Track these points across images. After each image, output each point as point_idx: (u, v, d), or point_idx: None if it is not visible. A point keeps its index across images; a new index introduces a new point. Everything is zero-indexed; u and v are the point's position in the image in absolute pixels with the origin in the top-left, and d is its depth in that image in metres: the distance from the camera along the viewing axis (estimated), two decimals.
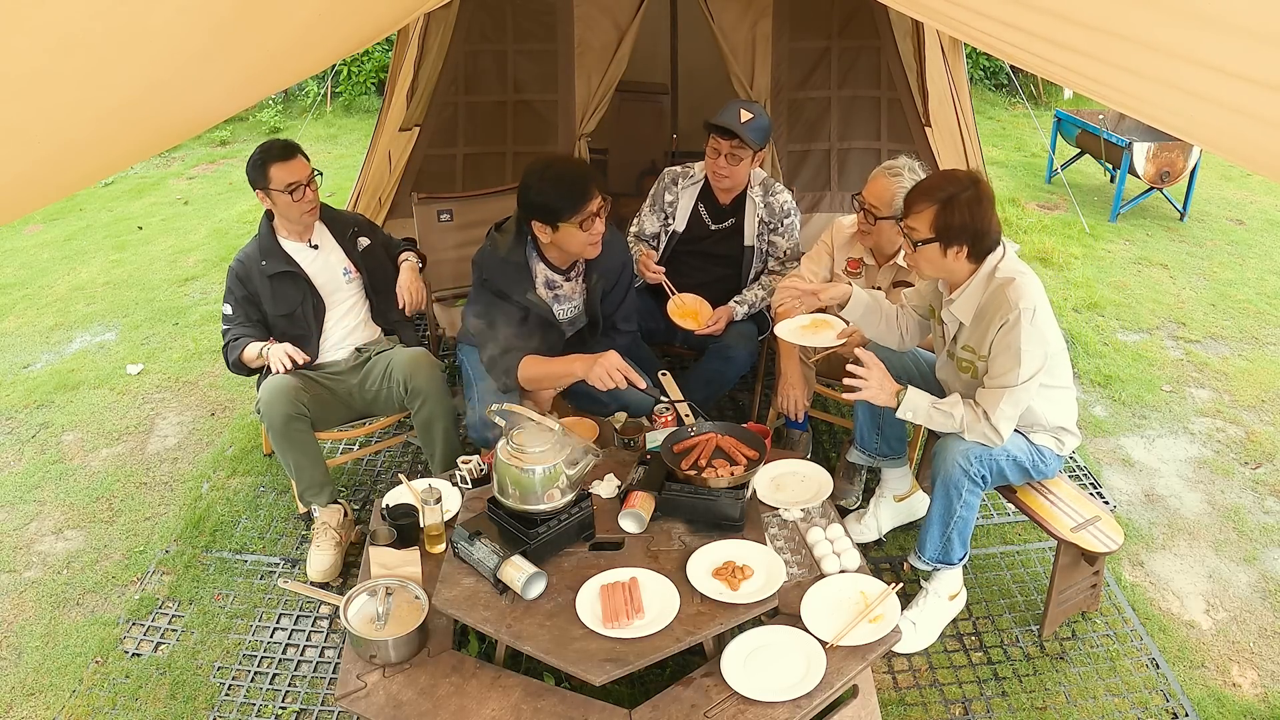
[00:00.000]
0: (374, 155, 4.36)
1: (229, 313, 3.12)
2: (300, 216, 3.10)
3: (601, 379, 2.70)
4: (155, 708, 2.58)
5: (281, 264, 3.10)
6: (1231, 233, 6.06)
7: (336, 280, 3.19)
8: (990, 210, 2.41)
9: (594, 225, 2.77)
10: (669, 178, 3.47)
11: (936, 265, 2.50)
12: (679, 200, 3.45)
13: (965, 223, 2.39)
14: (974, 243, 2.42)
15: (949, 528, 2.60)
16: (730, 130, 3.18)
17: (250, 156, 3.10)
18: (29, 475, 3.63)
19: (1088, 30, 1.57)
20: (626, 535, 2.42)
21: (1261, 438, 3.77)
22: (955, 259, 2.45)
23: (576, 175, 2.76)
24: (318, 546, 3.00)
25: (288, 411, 2.90)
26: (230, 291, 3.12)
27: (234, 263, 3.13)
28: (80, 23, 1.16)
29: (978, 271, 2.49)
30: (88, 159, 1.81)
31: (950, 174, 2.53)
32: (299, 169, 3.07)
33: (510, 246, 2.86)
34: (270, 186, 3.04)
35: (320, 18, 2.00)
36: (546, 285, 2.95)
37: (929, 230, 2.42)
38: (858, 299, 2.75)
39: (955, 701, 2.57)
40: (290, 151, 3.08)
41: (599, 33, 4.16)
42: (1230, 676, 2.66)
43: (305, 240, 3.17)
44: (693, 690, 2.07)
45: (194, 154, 8.18)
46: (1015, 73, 8.92)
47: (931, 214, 2.41)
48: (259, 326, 3.12)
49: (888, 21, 4.18)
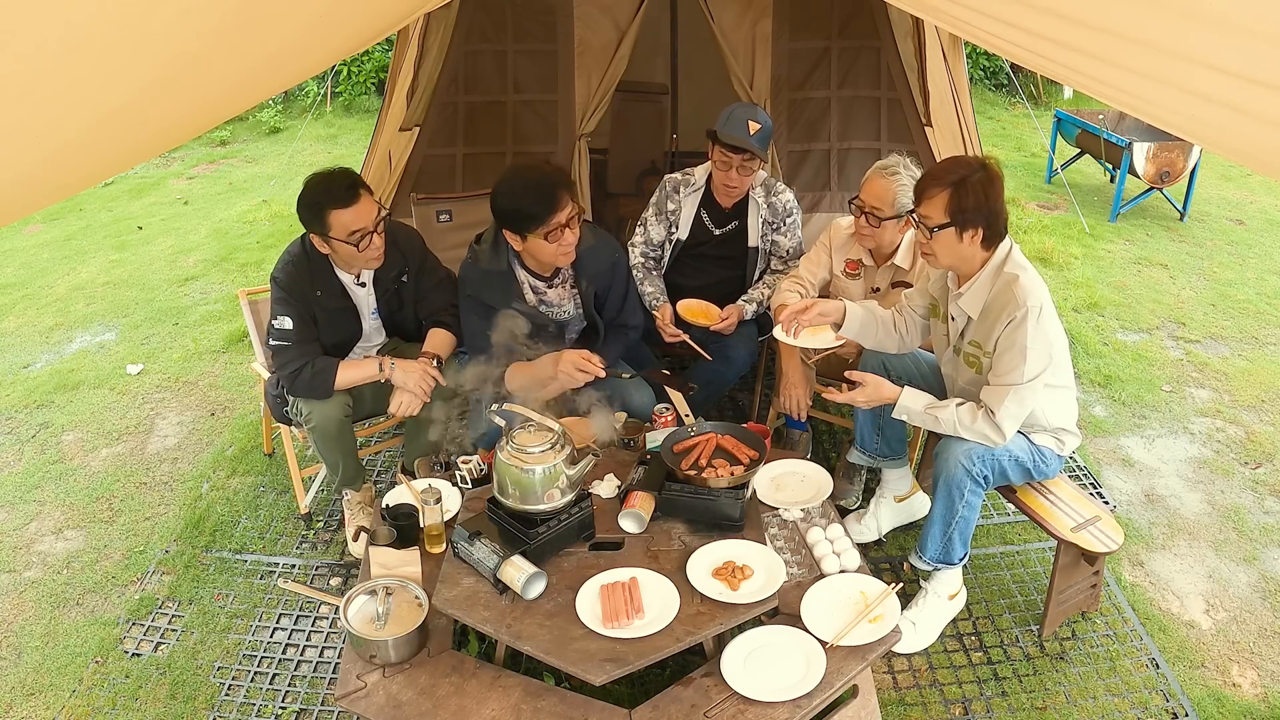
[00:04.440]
0: (374, 155, 4.36)
1: (288, 327, 2.79)
2: (365, 262, 2.84)
3: (569, 378, 2.69)
4: (155, 708, 2.58)
5: (338, 299, 2.90)
6: (1231, 233, 6.06)
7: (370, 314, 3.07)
8: (1001, 191, 2.41)
9: (563, 236, 2.69)
10: (670, 185, 3.43)
11: (952, 251, 2.47)
12: (681, 208, 3.41)
13: (979, 204, 2.38)
14: (989, 224, 2.42)
15: (950, 528, 2.60)
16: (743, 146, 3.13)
17: (303, 191, 2.72)
18: (29, 475, 3.63)
19: (1089, 29, 1.57)
20: (626, 535, 2.42)
21: (1261, 438, 3.77)
22: (971, 243, 2.44)
23: (544, 185, 2.63)
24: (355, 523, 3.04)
25: (339, 416, 2.88)
26: (286, 303, 2.80)
27: (281, 275, 2.82)
28: (81, 24, 1.16)
29: (988, 263, 2.49)
30: (88, 160, 1.81)
31: (958, 158, 2.53)
32: (364, 213, 2.70)
33: (491, 257, 2.81)
34: (330, 235, 2.71)
35: (320, 19, 2.00)
36: (532, 291, 2.92)
37: (944, 215, 2.41)
38: (852, 315, 2.74)
39: (955, 701, 2.57)
40: (353, 193, 2.69)
41: (599, 33, 4.16)
42: (1230, 676, 2.66)
43: (355, 275, 2.94)
44: (693, 690, 2.07)
45: (194, 154, 8.19)
46: (1015, 72, 8.93)
47: (945, 198, 2.40)
48: (318, 344, 2.86)
49: (888, 21, 4.17)
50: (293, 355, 2.80)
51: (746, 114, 3.19)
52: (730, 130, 3.14)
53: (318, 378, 2.80)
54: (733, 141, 3.13)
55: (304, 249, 2.86)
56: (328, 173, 2.76)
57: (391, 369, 2.85)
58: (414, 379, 2.85)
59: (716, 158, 3.24)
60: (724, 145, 3.17)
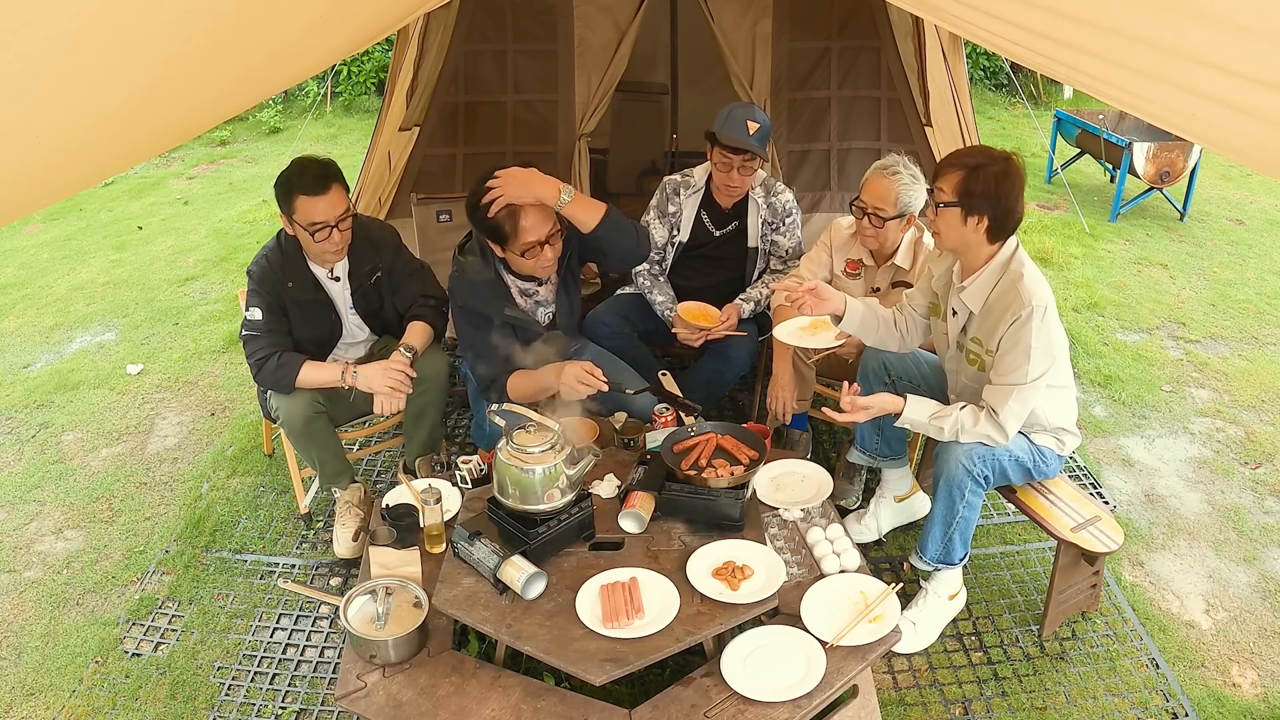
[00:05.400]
0: (374, 155, 4.36)
1: (258, 318, 2.82)
2: (322, 256, 2.86)
3: (572, 389, 2.67)
4: (155, 708, 2.58)
5: (310, 291, 2.91)
6: (1231, 233, 6.06)
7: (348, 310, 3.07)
8: (1017, 189, 2.40)
9: (541, 254, 2.68)
10: (670, 187, 3.41)
11: (955, 233, 2.47)
12: (682, 210, 3.40)
13: (988, 191, 2.37)
14: (995, 216, 2.41)
15: (951, 528, 2.60)
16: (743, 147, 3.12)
17: (281, 173, 2.74)
18: (29, 475, 3.63)
19: (1089, 27, 1.57)
20: (626, 535, 2.42)
21: (1261, 438, 3.77)
22: (975, 230, 2.43)
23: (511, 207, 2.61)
24: (342, 524, 3.04)
25: (307, 413, 2.87)
26: (257, 294, 2.83)
27: (254, 268, 2.86)
28: (81, 24, 1.16)
29: (994, 259, 2.49)
30: (88, 160, 1.81)
31: (985, 148, 2.51)
32: (329, 207, 2.71)
33: (478, 267, 2.79)
34: (294, 217, 2.73)
35: (320, 19, 2.00)
36: (523, 294, 2.89)
37: (953, 194, 2.42)
38: (853, 310, 2.73)
39: (955, 701, 2.57)
40: (323, 184, 2.69)
41: (599, 33, 4.16)
42: (1230, 676, 2.66)
43: (328, 269, 2.95)
44: (693, 690, 2.07)
45: (194, 154, 8.19)
46: (1015, 72, 8.93)
47: (958, 178, 2.40)
48: (289, 337, 2.88)
49: (888, 21, 4.17)
50: (261, 345, 2.80)
51: (745, 114, 3.17)
52: (729, 131, 3.13)
53: (281, 370, 2.79)
54: (732, 143, 3.12)
55: (279, 242, 2.90)
56: (310, 159, 2.77)
57: (354, 377, 2.82)
58: (379, 380, 2.80)
59: (716, 159, 3.23)
60: (724, 146, 3.16)
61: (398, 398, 2.82)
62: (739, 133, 3.12)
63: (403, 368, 2.83)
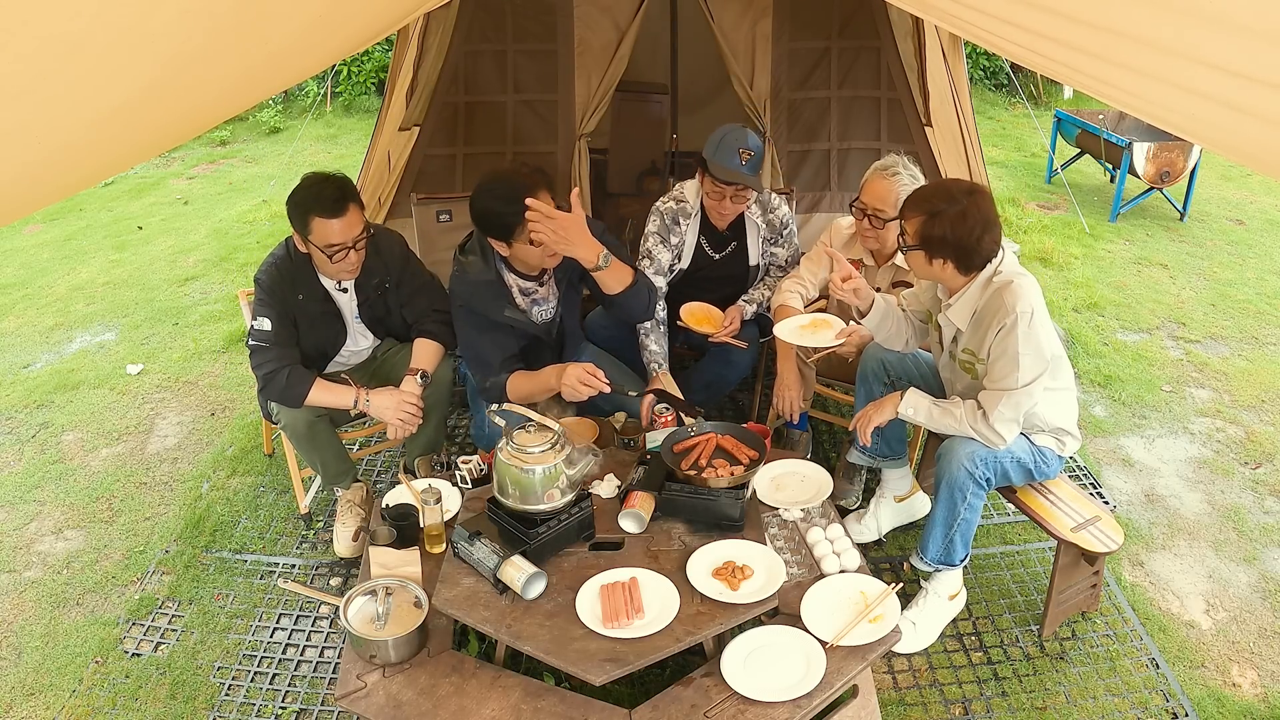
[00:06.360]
0: (374, 155, 4.36)
1: (267, 328, 2.77)
2: (338, 274, 2.84)
3: (574, 390, 2.68)
4: (155, 708, 2.58)
5: (320, 303, 2.90)
6: (1231, 233, 6.06)
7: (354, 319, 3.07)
8: (978, 227, 2.37)
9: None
10: (669, 216, 3.28)
11: (925, 271, 2.52)
12: (685, 240, 3.32)
13: (946, 237, 2.39)
14: (959, 258, 2.43)
15: (952, 529, 2.60)
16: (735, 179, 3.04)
17: (296, 188, 2.71)
18: (29, 475, 3.63)
19: (1089, 28, 1.57)
20: (626, 535, 2.42)
21: (1261, 438, 3.77)
22: (942, 269, 2.47)
23: (516, 191, 2.58)
24: (343, 523, 3.05)
25: (309, 418, 2.88)
26: (267, 304, 2.79)
27: (264, 277, 2.82)
28: (81, 24, 1.16)
29: (974, 280, 2.50)
30: (88, 160, 1.81)
31: (945, 186, 2.48)
32: (346, 229, 2.69)
33: (480, 267, 2.78)
34: (310, 238, 2.71)
35: (320, 18, 2.00)
36: (523, 294, 2.88)
37: (914, 238, 2.45)
38: (877, 305, 2.73)
39: (955, 701, 2.57)
40: (340, 205, 2.67)
41: (599, 33, 4.16)
42: (1230, 676, 2.66)
43: (337, 281, 2.93)
44: (693, 690, 2.07)
45: (194, 154, 8.19)
46: (1015, 72, 8.93)
47: (918, 223, 2.43)
48: (297, 349, 2.86)
49: (888, 21, 4.17)
50: (270, 357, 2.78)
51: (737, 141, 3.04)
52: (721, 160, 3.03)
53: (290, 389, 2.78)
54: (725, 176, 3.05)
55: (287, 251, 2.86)
56: (324, 177, 2.73)
57: (367, 404, 2.83)
58: (391, 412, 2.83)
59: (708, 187, 3.14)
60: (715, 177, 3.08)
61: (410, 426, 2.87)
62: (731, 163, 3.03)
63: (415, 400, 2.85)
